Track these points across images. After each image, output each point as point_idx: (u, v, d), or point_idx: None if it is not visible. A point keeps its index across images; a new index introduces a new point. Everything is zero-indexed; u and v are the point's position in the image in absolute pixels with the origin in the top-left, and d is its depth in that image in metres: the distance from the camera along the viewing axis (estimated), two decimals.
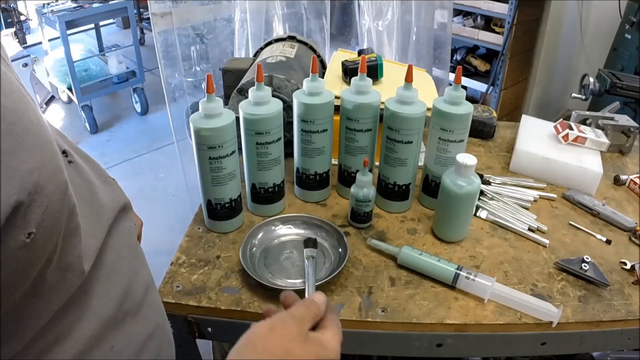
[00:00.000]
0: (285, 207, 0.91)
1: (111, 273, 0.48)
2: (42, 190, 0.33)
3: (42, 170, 0.33)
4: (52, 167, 0.35)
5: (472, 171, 0.76)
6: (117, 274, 0.49)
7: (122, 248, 0.51)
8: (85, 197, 0.46)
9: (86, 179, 0.48)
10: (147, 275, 0.57)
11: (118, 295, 0.48)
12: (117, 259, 0.50)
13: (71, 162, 0.46)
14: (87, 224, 0.44)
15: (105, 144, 3.05)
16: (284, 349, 0.44)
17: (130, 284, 0.51)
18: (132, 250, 0.54)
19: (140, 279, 0.54)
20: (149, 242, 0.70)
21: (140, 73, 3.18)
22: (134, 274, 0.53)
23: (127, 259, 0.52)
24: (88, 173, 0.49)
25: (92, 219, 0.46)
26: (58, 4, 2.92)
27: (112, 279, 0.48)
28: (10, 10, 3.39)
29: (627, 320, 0.70)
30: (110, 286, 0.47)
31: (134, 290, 0.52)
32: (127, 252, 0.53)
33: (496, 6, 2.46)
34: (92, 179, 0.49)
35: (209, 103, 0.73)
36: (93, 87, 3.07)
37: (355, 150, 0.88)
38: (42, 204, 0.33)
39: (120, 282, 0.49)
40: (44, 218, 0.33)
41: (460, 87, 0.82)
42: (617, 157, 1.14)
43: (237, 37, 1.81)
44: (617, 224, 0.89)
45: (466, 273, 0.72)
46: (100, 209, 0.48)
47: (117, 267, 0.49)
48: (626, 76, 1.42)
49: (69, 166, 0.45)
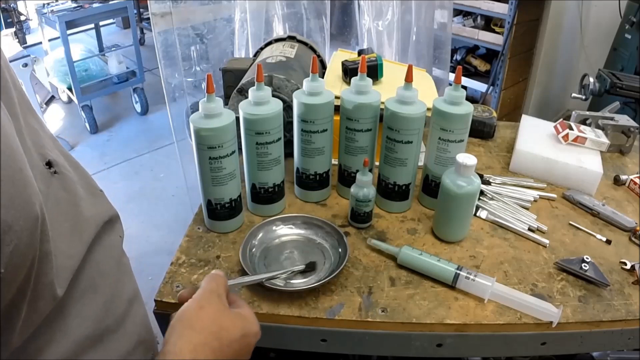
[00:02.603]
0: (285, 207, 0.91)
1: (89, 291, 0.47)
2: (10, 229, 0.31)
3: (10, 207, 0.31)
4: (22, 200, 0.33)
5: (472, 171, 0.76)
6: (96, 291, 0.48)
7: (104, 263, 0.51)
8: (66, 212, 0.45)
9: (71, 190, 0.47)
10: (132, 289, 0.56)
11: (96, 313, 0.47)
12: (97, 276, 0.49)
13: (56, 172, 0.45)
14: (65, 243, 0.43)
15: (105, 144, 3.05)
16: (217, 325, 0.47)
17: (112, 300, 0.50)
18: (115, 264, 0.53)
19: (123, 293, 0.53)
20: (149, 242, 0.70)
21: (140, 73, 3.18)
22: (115, 289, 0.52)
23: (108, 275, 0.51)
24: (74, 184, 0.48)
25: (73, 236, 0.45)
26: (58, 4, 2.92)
27: (90, 296, 0.47)
28: (10, 10, 3.39)
29: (627, 320, 0.70)
30: (88, 304, 0.47)
31: (115, 305, 0.51)
32: (109, 267, 0.52)
33: (496, 6, 2.46)
34: (78, 191, 0.48)
35: (209, 103, 0.73)
36: (93, 87, 3.07)
37: (355, 150, 0.88)
38: (10, 242, 0.31)
39: (99, 299, 0.48)
40: (13, 256, 0.32)
41: (460, 87, 0.81)
42: (617, 157, 1.14)
43: (237, 37, 1.81)
44: (617, 224, 0.89)
45: (466, 273, 0.72)
46: (83, 224, 0.47)
47: (96, 284, 0.48)
48: (626, 76, 1.43)
49: (52, 178, 0.44)
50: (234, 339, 0.48)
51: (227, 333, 0.47)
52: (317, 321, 0.69)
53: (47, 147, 0.46)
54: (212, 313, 0.48)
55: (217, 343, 0.46)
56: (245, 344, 0.49)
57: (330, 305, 0.70)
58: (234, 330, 0.48)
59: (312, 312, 0.69)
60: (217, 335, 0.46)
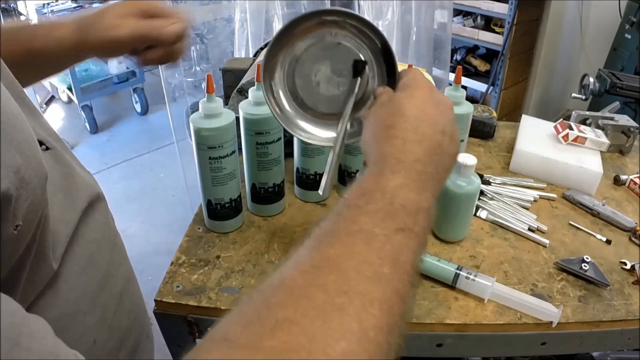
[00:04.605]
0: (285, 207, 0.91)
1: (86, 267, 0.48)
2: (27, 185, 0.34)
3: (27, 165, 0.34)
4: (36, 161, 0.36)
5: (472, 171, 0.76)
6: (93, 268, 0.49)
7: (100, 240, 0.51)
8: (59, 183, 0.46)
9: (63, 162, 0.48)
10: (127, 269, 0.57)
11: (92, 289, 0.48)
12: (94, 253, 0.49)
13: (48, 148, 0.47)
14: (58, 211, 0.44)
15: (105, 144, 3.05)
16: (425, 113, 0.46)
17: (107, 279, 0.51)
18: (109, 243, 0.54)
19: (119, 273, 0.54)
20: (149, 242, 0.70)
21: (140, 73, 3.18)
22: (112, 268, 0.53)
23: (105, 255, 0.52)
24: (66, 158, 0.49)
25: (66, 204, 0.46)
26: (58, 4, 2.92)
27: (87, 273, 0.48)
28: (10, 10, 3.39)
29: (627, 320, 0.70)
30: (85, 280, 0.47)
31: (112, 284, 0.51)
32: (105, 245, 0.53)
33: (496, 6, 2.46)
34: (70, 163, 0.50)
35: (209, 103, 0.73)
36: (93, 87, 3.07)
37: (356, 150, 0.88)
38: (27, 197, 0.34)
39: (96, 276, 0.49)
40: (29, 211, 0.35)
41: (460, 87, 0.82)
42: (617, 157, 1.14)
43: (237, 37, 1.81)
44: (617, 224, 0.89)
45: (466, 273, 0.72)
46: (75, 193, 0.48)
47: (93, 262, 0.49)
48: (626, 76, 1.43)
49: (43, 154, 0.46)
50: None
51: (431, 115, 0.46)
52: None
53: (40, 129, 0.47)
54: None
55: None
56: None
57: None
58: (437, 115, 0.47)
59: None
60: None
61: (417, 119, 0.44)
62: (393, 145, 0.42)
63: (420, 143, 0.42)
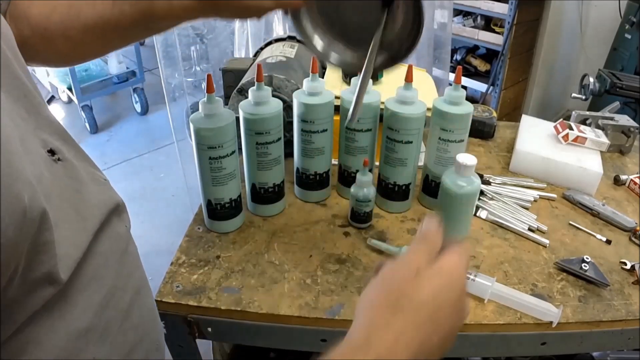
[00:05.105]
0: (285, 207, 0.91)
1: (91, 282, 0.46)
2: None
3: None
4: (9, 195, 0.32)
5: (472, 171, 0.76)
6: (98, 282, 0.47)
7: (109, 254, 0.49)
8: (70, 199, 0.44)
9: (75, 177, 0.46)
10: (139, 279, 0.55)
11: (98, 303, 0.46)
12: (101, 266, 0.47)
13: (60, 159, 0.44)
14: (70, 230, 0.42)
15: (105, 144, 3.05)
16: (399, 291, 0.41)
17: (113, 292, 0.49)
18: (121, 255, 0.52)
19: (128, 284, 0.52)
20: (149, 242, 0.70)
21: (140, 73, 3.18)
22: (119, 280, 0.50)
23: (113, 266, 0.50)
24: (79, 171, 0.47)
25: (77, 224, 0.44)
26: None
27: (91, 287, 0.46)
28: None
29: (627, 320, 0.70)
30: (89, 295, 0.45)
31: (118, 297, 0.49)
32: (114, 259, 0.50)
33: (496, 6, 2.46)
34: (83, 178, 0.47)
35: (209, 103, 0.73)
36: (93, 87, 3.07)
37: (355, 150, 0.88)
38: None
39: (100, 290, 0.47)
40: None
41: (460, 87, 0.82)
42: (617, 157, 1.14)
43: (237, 37, 1.81)
44: (617, 224, 0.89)
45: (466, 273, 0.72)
46: (87, 212, 0.46)
47: (99, 275, 0.47)
48: (626, 76, 1.43)
49: (55, 165, 0.44)
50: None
51: (407, 297, 0.41)
52: (317, 321, 0.69)
53: (49, 132, 0.45)
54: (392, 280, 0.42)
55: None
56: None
57: (330, 305, 0.70)
58: (418, 293, 0.41)
59: (312, 312, 0.69)
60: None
61: (429, 317, 0.41)
62: (387, 333, 0.39)
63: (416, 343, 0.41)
